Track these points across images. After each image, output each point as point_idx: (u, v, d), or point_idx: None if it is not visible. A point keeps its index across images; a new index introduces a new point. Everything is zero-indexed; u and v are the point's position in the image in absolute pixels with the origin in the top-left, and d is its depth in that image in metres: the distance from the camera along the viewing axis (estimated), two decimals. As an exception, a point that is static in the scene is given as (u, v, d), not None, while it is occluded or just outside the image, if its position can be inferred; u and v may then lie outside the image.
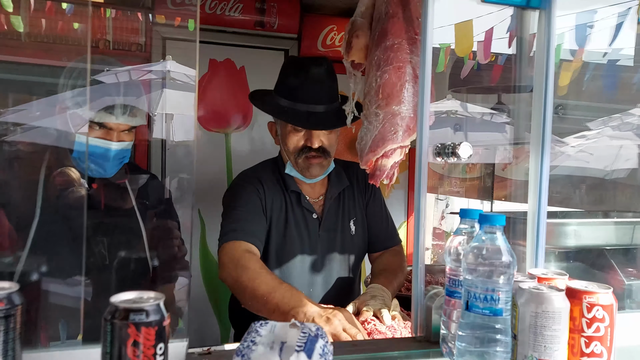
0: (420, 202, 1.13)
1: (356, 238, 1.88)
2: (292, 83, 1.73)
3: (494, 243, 0.92)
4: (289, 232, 1.77)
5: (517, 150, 2.50)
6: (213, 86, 3.00)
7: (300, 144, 1.72)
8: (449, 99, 4.42)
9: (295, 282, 1.76)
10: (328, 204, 1.83)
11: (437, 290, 1.16)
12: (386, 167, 1.33)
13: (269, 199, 1.75)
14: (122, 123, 1.49)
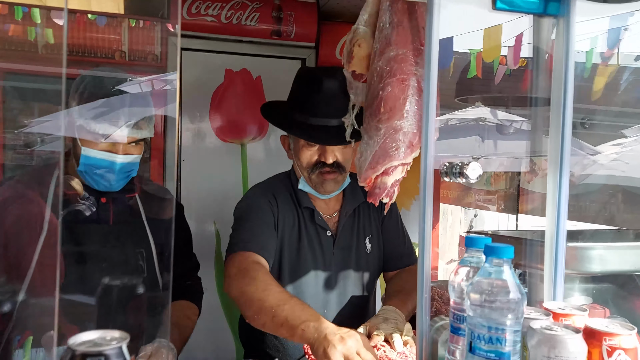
0: (425, 227, 1.03)
1: (372, 256, 1.80)
2: (304, 96, 1.66)
3: (501, 277, 0.83)
4: (302, 250, 1.70)
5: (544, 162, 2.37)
6: (229, 96, 2.97)
7: (314, 159, 1.65)
8: (478, 106, 4.29)
9: (308, 301, 1.68)
10: (343, 221, 1.75)
11: (444, 323, 1.07)
12: (386, 185, 1.25)
13: (281, 215, 1.69)
14: (128, 136, 1.45)
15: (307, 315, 1.34)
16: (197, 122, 2.94)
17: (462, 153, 3.90)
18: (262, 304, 1.40)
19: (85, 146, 1.45)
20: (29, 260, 1.39)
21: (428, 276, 1.07)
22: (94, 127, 1.42)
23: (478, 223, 5.47)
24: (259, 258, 1.55)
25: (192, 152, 2.93)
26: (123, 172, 1.49)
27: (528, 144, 3.38)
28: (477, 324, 0.83)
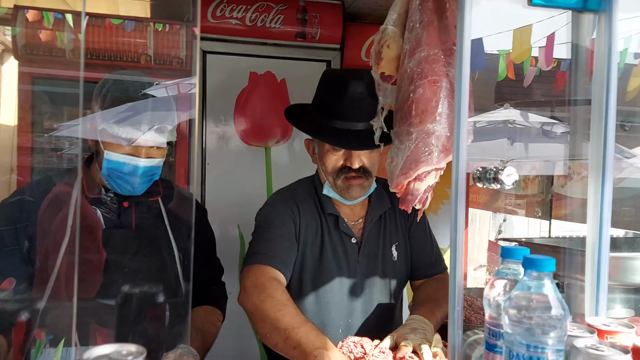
0: (457, 238, 0.98)
1: (398, 264, 1.74)
2: (329, 99, 1.61)
3: (541, 292, 0.77)
4: (325, 258, 1.65)
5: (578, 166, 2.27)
6: (253, 99, 2.95)
7: (339, 164, 1.59)
8: (507, 107, 4.18)
9: (333, 310, 1.65)
10: (368, 228, 1.70)
11: (478, 337, 1.01)
12: (419, 191, 1.19)
13: (303, 222, 1.64)
14: (151, 139, 1.45)
15: (321, 342, 1.30)
16: (222, 125, 2.93)
17: (490, 156, 3.80)
18: (277, 324, 1.36)
19: (108, 150, 1.44)
20: (53, 264, 1.39)
21: (460, 289, 1.01)
22: (116, 130, 1.41)
23: (507, 228, 5.34)
24: (277, 273, 1.51)
25: (216, 156, 2.92)
26: (146, 175, 1.48)
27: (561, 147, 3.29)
28: (515, 342, 0.77)
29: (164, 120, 1.49)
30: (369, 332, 1.62)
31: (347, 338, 1.45)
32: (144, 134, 1.43)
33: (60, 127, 2.84)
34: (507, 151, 3.66)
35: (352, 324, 1.67)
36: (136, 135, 1.43)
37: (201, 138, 2.89)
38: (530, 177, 3.27)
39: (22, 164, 2.96)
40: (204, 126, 2.89)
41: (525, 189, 3.35)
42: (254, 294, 1.43)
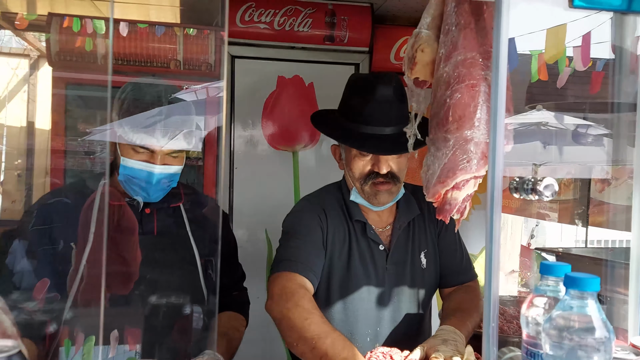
0: (493, 250, 0.94)
1: (427, 272, 1.70)
2: (356, 104, 1.58)
3: (584, 313, 0.72)
4: (353, 265, 1.62)
5: (617, 171, 2.19)
6: (281, 103, 2.94)
7: (367, 169, 1.56)
8: (539, 109, 4.07)
9: (360, 318, 1.62)
10: (396, 235, 1.66)
11: (514, 355, 0.97)
12: (457, 200, 1.15)
13: (330, 229, 1.61)
14: (165, 147, 1.43)
15: (348, 352, 1.30)
16: (250, 129, 2.93)
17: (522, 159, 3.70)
18: (303, 333, 1.35)
19: (124, 156, 1.43)
20: (76, 269, 1.40)
21: (496, 304, 0.96)
22: (131, 136, 1.40)
23: (539, 232, 5.21)
24: (304, 280, 1.48)
25: (244, 160, 2.92)
26: (161, 183, 1.46)
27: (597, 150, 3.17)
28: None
29: (180, 127, 1.47)
30: (397, 341, 1.59)
31: (375, 348, 1.42)
32: (158, 141, 1.41)
33: (93, 132, 2.88)
34: (541, 154, 3.56)
35: (380, 332, 1.64)
36: (150, 141, 1.41)
37: (229, 142, 2.90)
38: (564, 183, 3.17)
39: (55, 166, 3.03)
40: (232, 130, 2.90)
41: (560, 194, 3.25)
42: (281, 302, 1.42)
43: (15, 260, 1.43)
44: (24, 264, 1.42)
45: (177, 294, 1.52)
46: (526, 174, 3.87)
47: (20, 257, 1.43)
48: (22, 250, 1.44)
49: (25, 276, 1.41)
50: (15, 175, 4.36)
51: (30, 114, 4.40)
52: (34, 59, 4.39)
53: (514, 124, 3.68)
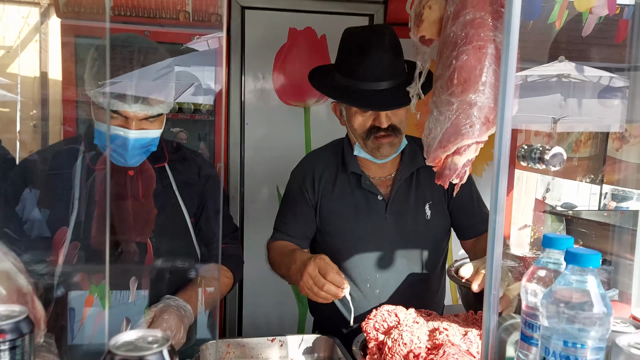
0: (497, 219, 0.93)
1: (432, 224, 1.70)
2: (351, 59, 1.58)
3: (583, 288, 0.72)
4: (349, 217, 1.68)
5: (634, 128, 2.13)
6: (292, 57, 2.87)
7: (368, 124, 1.59)
8: (562, 60, 3.93)
9: (357, 265, 1.68)
10: (397, 185, 1.68)
11: (514, 322, 0.97)
12: (457, 165, 1.14)
13: (323, 187, 1.70)
14: (138, 112, 1.35)
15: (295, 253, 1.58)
16: (261, 84, 2.88)
17: (540, 113, 3.61)
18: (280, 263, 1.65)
19: (98, 120, 1.37)
20: (63, 236, 1.39)
21: (498, 271, 0.97)
22: (101, 101, 1.33)
23: (555, 187, 5.15)
24: (288, 244, 1.70)
25: (255, 115, 2.89)
26: (138, 148, 1.41)
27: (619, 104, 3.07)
28: (552, 338, 0.73)
29: (155, 90, 1.39)
30: (401, 288, 1.67)
31: (381, 307, 1.45)
32: (130, 106, 1.33)
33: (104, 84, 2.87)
34: (560, 108, 3.47)
35: (379, 279, 1.68)
36: (122, 107, 1.33)
37: (240, 98, 2.86)
38: (582, 140, 3.10)
39: (68, 115, 3.06)
40: (242, 85, 2.85)
41: (577, 151, 3.19)
42: (276, 266, 1.69)
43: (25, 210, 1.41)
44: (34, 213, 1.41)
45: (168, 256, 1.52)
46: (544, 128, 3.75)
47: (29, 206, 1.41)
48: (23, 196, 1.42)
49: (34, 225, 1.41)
50: (31, 125, 4.40)
51: (43, 64, 4.39)
52: (45, 8, 4.34)
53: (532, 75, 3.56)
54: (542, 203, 4.79)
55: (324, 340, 1.54)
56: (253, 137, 2.89)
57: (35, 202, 1.42)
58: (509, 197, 3.26)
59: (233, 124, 2.86)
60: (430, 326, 1.36)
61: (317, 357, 1.53)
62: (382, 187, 1.69)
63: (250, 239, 2.81)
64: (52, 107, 4.21)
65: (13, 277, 0.96)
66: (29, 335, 0.73)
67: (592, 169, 3.00)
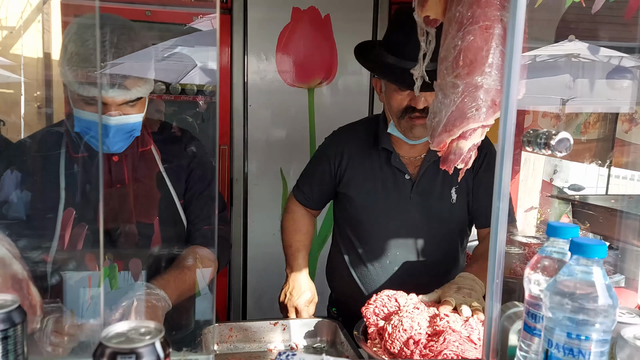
0: (501, 206, 0.90)
1: (457, 208, 1.70)
2: (398, 37, 1.57)
3: (588, 279, 0.70)
4: (372, 191, 1.69)
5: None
6: (296, 37, 2.82)
7: (404, 104, 1.57)
8: (571, 40, 3.86)
9: (378, 240, 1.70)
10: (425, 166, 1.68)
11: (518, 310, 0.95)
12: (462, 150, 1.11)
13: (354, 158, 1.73)
14: (116, 98, 1.29)
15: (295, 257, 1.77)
16: (264, 64, 2.84)
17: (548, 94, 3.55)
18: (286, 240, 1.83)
19: (76, 107, 1.31)
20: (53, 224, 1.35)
21: (501, 259, 0.94)
22: (76, 87, 1.26)
23: (562, 169, 5.10)
24: (301, 223, 1.85)
25: (258, 97, 2.86)
26: (121, 134, 1.35)
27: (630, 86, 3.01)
28: (555, 329, 0.72)
29: (131, 73, 1.31)
30: (419, 269, 1.69)
31: (381, 292, 1.44)
32: (107, 92, 1.26)
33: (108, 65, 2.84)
34: (568, 89, 3.41)
35: (399, 257, 1.70)
36: (96, 93, 1.26)
37: (243, 79, 2.82)
38: (591, 121, 3.04)
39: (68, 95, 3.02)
40: (245, 66, 2.81)
41: (585, 133, 3.13)
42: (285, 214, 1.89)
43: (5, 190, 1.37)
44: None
45: (159, 243, 1.48)
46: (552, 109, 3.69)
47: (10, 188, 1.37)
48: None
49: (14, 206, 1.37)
50: (35, 107, 4.39)
51: (46, 44, 4.35)
52: (46, -13, 4.29)
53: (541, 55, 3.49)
54: (550, 185, 4.75)
55: (326, 324, 1.54)
56: (257, 118, 2.86)
57: (17, 186, 1.38)
58: (515, 180, 3.22)
59: (236, 105, 2.82)
60: (432, 312, 1.35)
61: (320, 340, 1.53)
62: (411, 167, 1.70)
63: (254, 221, 2.81)
64: (56, 88, 4.19)
65: (8, 263, 0.95)
66: (21, 325, 0.72)
67: (601, 151, 2.95)
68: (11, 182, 1.37)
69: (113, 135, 1.33)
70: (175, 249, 1.49)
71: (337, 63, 2.85)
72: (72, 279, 1.39)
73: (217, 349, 1.44)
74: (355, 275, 1.75)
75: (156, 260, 1.45)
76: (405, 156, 1.70)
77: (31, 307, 0.95)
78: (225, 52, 2.78)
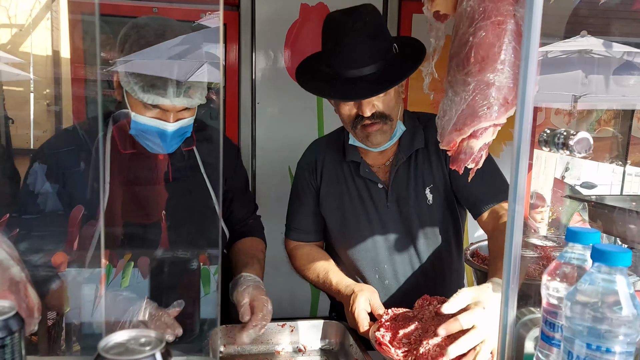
0: (516, 209, 0.86)
1: (435, 208, 1.61)
2: (330, 46, 1.45)
3: (612, 288, 0.66)
4: (350, 206, 1.63)
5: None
6: (304, 34, 2.78)
7: (353, 113, 1.49)
8: (584, 35, 3.79)
9: (363, 256, 1.65)
10: (393, 171, 1.60)
11: (534, 317, 0.92)
12: (473, 149, 1.07)
13: (325, 179, 1.68)
14: (178, 105, 1.33)
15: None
16: (272, 61, 2.81)
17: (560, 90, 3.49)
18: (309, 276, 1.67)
19: (135, 111, 1.34)
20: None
21: (517, 265, 0.91)
22: (140, 95, 1.29)
23: (574, 166, 5.04)
24: (312, 252, 1.71)
25: (266, 95, 2.83)
26: (175, 137, 1.40)
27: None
28: (575, 340, 0.68)
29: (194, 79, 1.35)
30: (411, 277, 1.64)
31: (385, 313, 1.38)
32: (171, 100, 1.30)
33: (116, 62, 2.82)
34: (582, 86, 3.34)
35: (387, 269, 1.65)
36: (163, 102, 1.30)
37: (251, 76, 2.80)
38: (604, 119, 2.98)
39: (76, 94, 3.05)
40: (253, 63, 2.78)
41: (599, 131, 3.07)
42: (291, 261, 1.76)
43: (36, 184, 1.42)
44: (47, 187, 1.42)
45: (197, 241, 1.52)
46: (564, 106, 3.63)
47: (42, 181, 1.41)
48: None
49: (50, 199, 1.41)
50: (44, 104, 4.39)
51: (55, 42, 4.36)
52: (55, -15, 4.29)
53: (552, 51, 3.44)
54: (561, 182, 4.68)
55: (334, 325, 1.51)
56: (264, 116, 2.83)
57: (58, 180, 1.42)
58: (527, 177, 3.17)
59: (244, 103, 2.80)
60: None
61: (329, 342, 1.51)
62: (382, 175, 1.63)
63: (261, 219, 2.77)
64: (65, 85, 4.20)
65: (6, 265, 0.93)
66: (18, 333, 0.69)
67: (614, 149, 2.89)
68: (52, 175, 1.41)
69: (170, 140, 1.38)
70: (210, 248, 1.54)
71: (346, 60, 2.80)
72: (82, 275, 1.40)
73: (224, 351, 1.43)
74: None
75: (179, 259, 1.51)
76: (375, 165, 1.63)
77: (28, 309, 0.94)
78: (233, 49, 2.76)
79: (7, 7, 4.23)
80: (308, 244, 1.74)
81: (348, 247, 1.66)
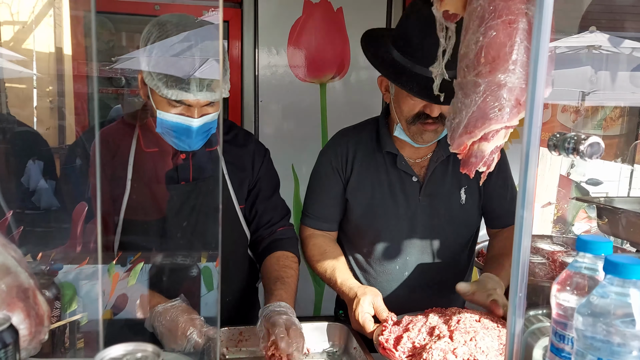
0: (525, 215, 0.84)
1: (466, 209, 1.64)
2: (413, 37, 1.41)
3: (624, 302, 0.63)
4: (381, 196, 1.61)
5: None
6: (307, 31, 2.76)
7: (417, 109, 1.47)
8: (592, 31, 3.75)
9: (388, 246, 1.63)
10: (432, 167, 1.61)
11: (542, 326, 0.90)
12: (484, 152, 1.04)
13: (357, 164, 1.63)
14: (201, 100, 1.34)
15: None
16: (275, 59, 2.78)
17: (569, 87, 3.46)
18: (318, 269, 1.65)
19: (159, 109, 1.36)
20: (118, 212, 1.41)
21: (525, 271, 0.88)
22: (165, 92, 1.31)
23: (580, 163, 5.00)
24: (314, 232, 1.70)
25: (269, 92, 2.81)
26: (201, 133, 1.40)
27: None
28: (587, 354, 0.66)
29: (215, 73, 1.35)
30: (429, 273, 1.64)
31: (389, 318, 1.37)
32: (195, 95, 1.32)
33: (119, 60, 2.81)
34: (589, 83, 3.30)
35: (409, 261, 1.64)
36: (187, 97, 1.32)
37: (254, 74, 2.77)
38: (612, 117, 2.94)
39: (78, 90, 3.03)
40: (256, 61, 2.76)
41: (606, 129, 3.04)
42: (302, 247, 1.70)
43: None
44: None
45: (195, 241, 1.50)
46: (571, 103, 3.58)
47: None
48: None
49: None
50: (47, 102, 4.39)
51: (58, 39, 4.35)
52: (58, -19, 4.28)
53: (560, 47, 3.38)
54: (567, 179, 4.65)
55: (338, 327, 1.50)
56: (268, 114, 2.81)
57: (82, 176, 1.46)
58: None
59: (247, 101, 2.78)
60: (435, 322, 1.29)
61: (333, 345, 1.49)
62: (417, 169, 1.62)
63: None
64: (67, 82, 4.19)
65: (13, 271, 0.90)
66: (12, 346, 0.67)
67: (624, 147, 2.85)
68: (75, 171, 1.45)
69: (195, 136, 1.38)
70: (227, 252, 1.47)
71: (350, 57, 2.78)
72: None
73: (227, 353, 1.41)
74: (363, 280, 1.69)
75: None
76: (411, 158, 1.62)
77: (38, 317, 0.90)
78: (235, 47, 2.73)
79: (9, 4, 4.22)
80: (322, 235, 1.70)
81: (371, 237, 1.65)
